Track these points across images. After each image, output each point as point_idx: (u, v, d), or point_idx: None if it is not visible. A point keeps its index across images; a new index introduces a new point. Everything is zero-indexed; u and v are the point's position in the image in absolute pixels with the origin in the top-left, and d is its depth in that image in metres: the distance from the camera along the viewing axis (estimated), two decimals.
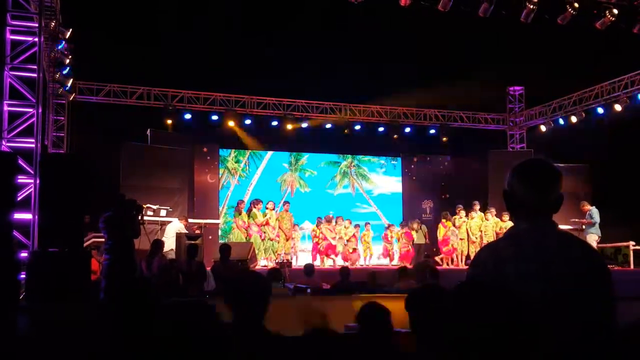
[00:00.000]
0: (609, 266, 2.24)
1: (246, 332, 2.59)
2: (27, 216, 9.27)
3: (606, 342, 2.05)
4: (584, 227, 13.82)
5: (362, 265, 15.31)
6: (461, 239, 15.69)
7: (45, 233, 8.31)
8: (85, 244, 10.96)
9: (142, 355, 2.46)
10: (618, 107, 15.48)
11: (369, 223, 16.59)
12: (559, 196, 2.21)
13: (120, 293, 3.06)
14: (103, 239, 8.92)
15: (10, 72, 9.92)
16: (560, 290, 2.05)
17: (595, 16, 12.41)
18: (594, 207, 13.91)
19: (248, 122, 16.69)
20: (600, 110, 16.09)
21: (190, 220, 14.15)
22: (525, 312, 1.99)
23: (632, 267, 14.23)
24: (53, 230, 8.14)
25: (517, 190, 2.22)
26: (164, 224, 13.40)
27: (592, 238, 13.43)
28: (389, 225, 16.70)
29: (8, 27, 10.02)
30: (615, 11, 12.23)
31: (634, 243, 14.45)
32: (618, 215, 14.63)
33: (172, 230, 12.71)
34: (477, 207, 15.89)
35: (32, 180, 9.47)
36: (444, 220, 15.86)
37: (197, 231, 13.49)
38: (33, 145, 9.69)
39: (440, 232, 15.77)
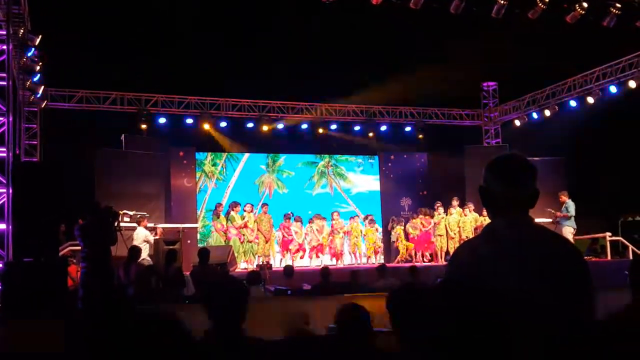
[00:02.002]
0: (585, 258, 2.24)
1: (224, 337, 2.56)
2: (1, 226, 9.13)
3: (586, 335, 2.05)
4: (558, 220, 13.90)
5: (345, 265, 15.33)
6: (440, 235, 15.77)
7: (20, 243, 8.19)
8: (61, 253, 10.79)
9: None
10: (591, 100, 15.67)
11: (369, 216, 16.62)
12: (535, 191, 2.20)
13: (97, 304, 3.01)
14: (79, 247, 8.79)
15: None
16: (539, 285, 2.05)
17: (565, 10, 12.57)
18: (569, 199, 14.04)
19: (224, 124, 16.62)
20: (573, 103, 16.28)
21: (168, 225, 14.00)
22: (505, 308, 1.98)
23: (609, 257, 14.41)
24: (28, 240, 8.02)
25: (493, 186, 2.21)
26: None
27: (568, 231, 13.54)
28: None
29: None
30: (585, 4, 12.39)
31: (610, 234, 14.63)
32: (594, 207, 14.80)
33: (140, 238, 12.28)
34: (456, 202, 15.97)
35: (4, 190, 9.32)
36: (426, 217, 15.91)
37: (156, 235, 13.01)
38: (5, 155, 9.54)
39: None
